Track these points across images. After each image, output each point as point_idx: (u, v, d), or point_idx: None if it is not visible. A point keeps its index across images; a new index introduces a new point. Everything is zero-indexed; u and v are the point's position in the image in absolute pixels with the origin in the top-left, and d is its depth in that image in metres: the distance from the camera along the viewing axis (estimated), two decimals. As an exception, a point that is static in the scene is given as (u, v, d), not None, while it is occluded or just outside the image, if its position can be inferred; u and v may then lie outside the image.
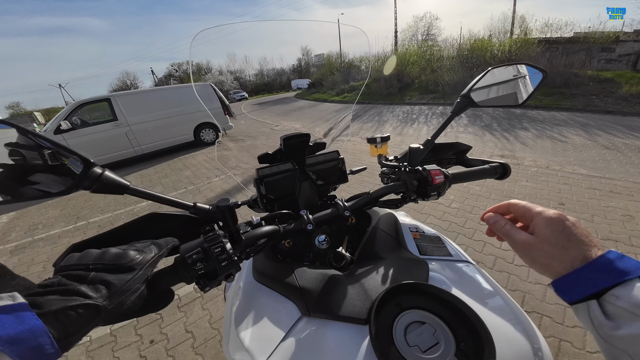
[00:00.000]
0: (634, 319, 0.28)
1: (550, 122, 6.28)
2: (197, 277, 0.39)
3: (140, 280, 0.34)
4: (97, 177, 0.37)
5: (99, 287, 0.30)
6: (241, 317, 0.52)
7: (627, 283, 0.30)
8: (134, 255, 0.36)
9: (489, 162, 0.69)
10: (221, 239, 0.41)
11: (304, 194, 0.74)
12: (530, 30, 14.09)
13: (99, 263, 0.33)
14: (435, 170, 0.58)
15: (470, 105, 0.66)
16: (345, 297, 0.47)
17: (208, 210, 0.45)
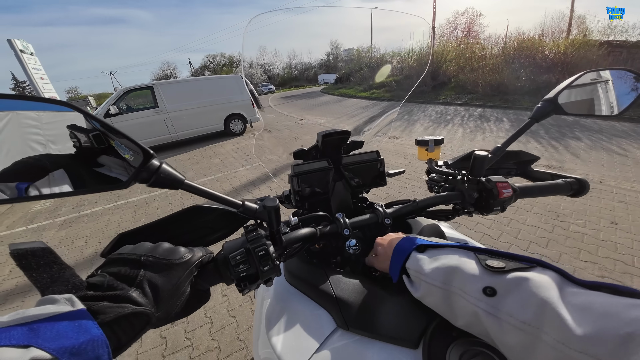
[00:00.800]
0: (418, 281, 0.38)
1: (607, 133, 5.57)
2: (238, 280, 0.38)
3: (186, 282, 0.34)
4: (155, 170, 0.35)
5: (147, 292, 0.30)
6: (273, 321, 0.51)
7: (410, 256, 0.41)
8: (184, 252, 0.35)
9: (561, 176, 0.61)
10: (264, 241, 0.40)
11: (337, 194, 0.71)
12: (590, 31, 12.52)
13: (151, 255, 0.33)
14: (502, 183, 0.52)
15: (554, 112, 0.57)
16: (391, 315, 0.43)
17: (255, 210, 0.43)
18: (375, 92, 15.65)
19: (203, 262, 0.37)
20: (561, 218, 2.55)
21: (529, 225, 2.48)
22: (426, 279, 0.36)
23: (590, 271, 1.89)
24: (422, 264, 0.38)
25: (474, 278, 0.32)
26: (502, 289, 0.29)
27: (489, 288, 0.30)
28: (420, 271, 0.38)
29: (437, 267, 0.36)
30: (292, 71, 62.82)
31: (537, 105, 0.58)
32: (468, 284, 0.32)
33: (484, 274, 0.31)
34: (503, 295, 0.29)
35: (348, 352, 0.41)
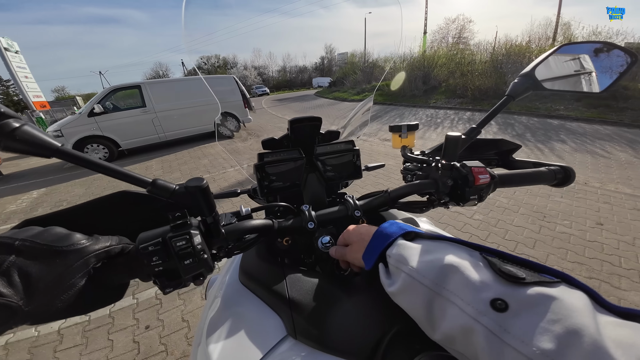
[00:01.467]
0: (398, 273, 0.31)
1: (592, 136, 5.72)
2: (154, 275, 0.32)
3: (77, 274, 0.27)
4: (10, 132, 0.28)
5: (15, 281, 0.24)
6: (215, 325, 0.44)
7: (394, 243, 0.34)
8: (79, 239, 0.29)
9: (545, 164, 0.56)
10: (189, 230, 0.33)
11: (310, 187, 0.65)
12: (575, 37, 12.99)
13: (29, 240, 0.26)
14: (478, 168, 0.46)
15: (533, 88, 0.53)
16: (345, 323, 0.37)
17: (172, 191, 0.36)
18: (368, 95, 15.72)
19: (111, 254, 0.31)
20: (548, 219, 2.56)
21: (516, 225, 2.48)
22: (410, 272, 0.29)
23: (577, 272, 1.88)
24: (409, 253, 0.31)
25: (482, 285, 0.25)
26: (517, 304, 0.22)
27: (499, 300, 0.23)
28: (404, 261, 0.31)
29: (429, 262, 0.29)
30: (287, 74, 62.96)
31: (514, 81, 0.54)
32: (471, 290, 0.25)
33: (495, 282, 0.24)
34: (517, 313, 0.22)
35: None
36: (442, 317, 0.26)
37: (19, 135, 0.29)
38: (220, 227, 0.39)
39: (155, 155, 6.31)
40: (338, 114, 0.97)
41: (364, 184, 3.39)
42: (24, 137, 0.29)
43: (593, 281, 1.78)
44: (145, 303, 1.86)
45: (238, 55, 65.85)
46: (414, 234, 0.35)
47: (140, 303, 1.86)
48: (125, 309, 1.83)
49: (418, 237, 0.34)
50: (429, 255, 0.30)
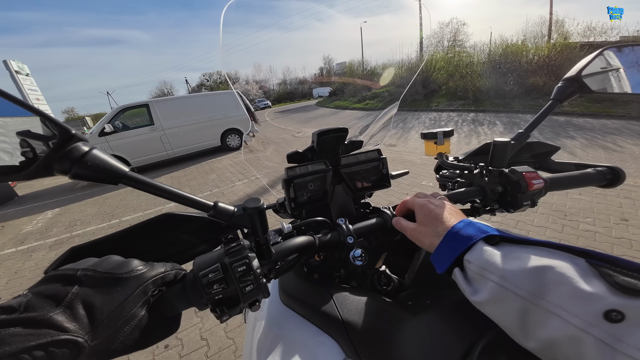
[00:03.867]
0: (483, 281, 0.29)
1: (601, 131, 5.64)
2: (212, 304, 0.30)
3: (137, 303, 0.26)
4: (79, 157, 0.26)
5: (79, 314, 0.22)
6: (267, 350, 0.42)
7: (474, 247, 0.31)
8: (136, 265, 0.28)
9: (590, 165, 0.55)
10: (247, 254, 0.32)
11: (337, 199, 0.64)
12: (570, 34, 13.04)
13: (90, 269, 0.25)
14: (530, 173, 0.46)
15: (579, 91, 0.52)
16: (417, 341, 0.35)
17: (232, 214, 0.35)
18: (369, 103, 15.91)
19: (166, 280, 0.29)
20: (569, 217, 2.49)
21: (537, 226, 2.41)
22: (500, 281, 0.27)
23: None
24: (495, 260, 0.28)
25: (591, 296, 0.23)
26: (636, 316, 0.21)
27: (614, 312, 0.21)
28: (490, 269, 0.28)
29: (522, 270, 0.26)
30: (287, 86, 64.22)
31: (558, 85, 0.53)
32: (579, 301, 0.23)
33: (607, 292, 0.22)
34: (636, 324, 0.21)
35: None
36: (540, 327, 0.24)
37: (90, 160, 0.27)
38: (270, 247, 0.37)
39: (164, 172, 6.40)
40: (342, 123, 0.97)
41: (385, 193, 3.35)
42: (95, 162, 0.27)
43: None
44: None
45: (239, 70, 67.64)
46: (498, 238, 0.31)
47: None
48: None
49: (504, 241, 0.31)
50: (521, 262, 0.27)
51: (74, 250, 0.32)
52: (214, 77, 68.98)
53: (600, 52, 0.52)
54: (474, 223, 0.34)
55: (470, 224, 0.34)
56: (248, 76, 66.49)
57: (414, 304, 0.42)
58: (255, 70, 67.69)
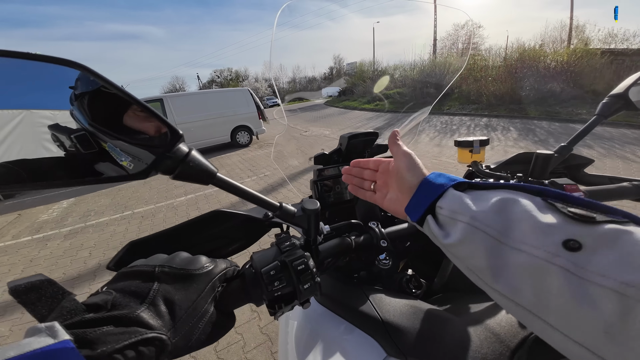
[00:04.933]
0: (454, 223, 0.30)
1: (619, 140, 5.46)
2: (271, 299, 0.31)
3: (208, 298, 0.27)
4: (183, 157, 0.27)
5: (162, 311, 0.23)
6: (306, 349, 0.43)
7: (445, 193, 0.32)
8: (205, 262, 0.29)
9: (624, 179, 0.54)
10: (302, 253, 0.33)
11: (363, 202, 0.65)
12: (590, 40, 12.64)
13: (167, 266, 0.26)
14: (571, 186, 0.46)
15: (625, 108, 0.52)
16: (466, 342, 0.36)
17: (294, 214, 0.36)
18: (379, 104, 15.80)
19: (227, 276, 0.31)
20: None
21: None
22: (470, 221, 0.28)
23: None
24: (464, 202, 0.29)
25: (550, 227, 0.24)
26: (592, 242, 0.22)
27: (572, 241, 0.22)
28: (460, 211, 0.29)
29: (489, 210, 0.28)
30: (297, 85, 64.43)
31: (603, 102, 0.52)
32: (539, 234, 0.24)
33: (564, 223, 0.23)
34: (593, 251, 0.21)
35: None
36: (506, 264, 0.25)
37: (191, 161, 0.28)
38: (318, 247, 0.39)
39: (175, 166, 6.53)
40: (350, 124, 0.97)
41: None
42: (195, 162, 0.28)
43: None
44: None
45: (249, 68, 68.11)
46: (466, 185, 0.32)
47: None
48: None
49: (471, 187, 0.32)
50: (488, 204, 0.28)
51: (132, 244, 0.34)
52: (224, 74, 69.80)
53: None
54: (444, 174, 0.35)
55: (440, 175, 0.35)
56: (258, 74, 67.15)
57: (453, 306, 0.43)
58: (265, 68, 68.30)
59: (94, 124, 0.27)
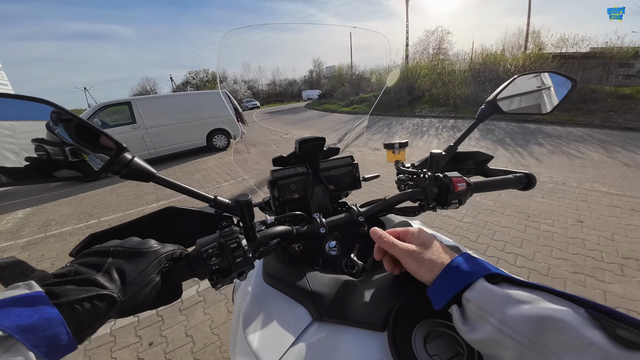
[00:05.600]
0: (482, 322, 0.28)
1: (566, 138, 6.10)
2: (210, 273, 0.39)
3: (154, 270, 0.34)
4: (127, 162, 0.37)
5: (114, 277, 0.30)
6: (249, 320, 0.51)
7: (474, 285, 0.31)
8: (153, 243, 0.36)
9: (512, 172, 0.66)
10: (237, 235, 0.40)
11: (316, 198, 0.73)
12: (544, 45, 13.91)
13: (120, 246, 0.34)
14: (457, 178, 0.56)
15: (495, 112, 0.64)
16: (361, 303, 0.45)
17: (227, 205, 0.44)
18: (357, 107, 16.22)
19: (174, 256, 0.38)
20: (532, 219, 2.71)
21: (502, 226, 2.61)
22: (499, 325, 0.27)
23: (563, 268, 2.00)
24: (496, 301, 0.28)
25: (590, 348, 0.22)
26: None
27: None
28: (490, 311, 0.28)
29: (523, 315, 0.26)
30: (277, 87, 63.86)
31: (481, 107, 0.64)
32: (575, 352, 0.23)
33: (608, 345, 0.22)
34: None
35: (322, 341, 0.42)
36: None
37: (134, 165, 0.38)
38: (256, 232, 0.46)
39: (146, 171, 6.24)
40: (330, 126, 1.08)
41: (359, 192, 3.48)
42: (136, 166, 0.38)
43: (578, 276, 1.90)
44: (146, 320, 1.84)
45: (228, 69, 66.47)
46: (500, 278, 0.31)
47: (141, 320, 1.85)
48: (126, 327, 1.81)
49: (505, 281, 0.31)
50: (521, 307, 0.27)
51: (93, 236, 0.40)
52: (200, 75, 67.47)
53: (513, 79, 0.64)
54: (475, 258, 0.34)
55: (470, 259, 0.34)
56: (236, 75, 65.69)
57: (365, 278, 0.52)
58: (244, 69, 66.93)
59: (75, 141, 0.37)
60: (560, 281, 1.87)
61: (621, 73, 12.41)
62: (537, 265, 2.03)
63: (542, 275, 1.94)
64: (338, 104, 19.18)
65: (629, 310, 1.60)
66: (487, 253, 2.23)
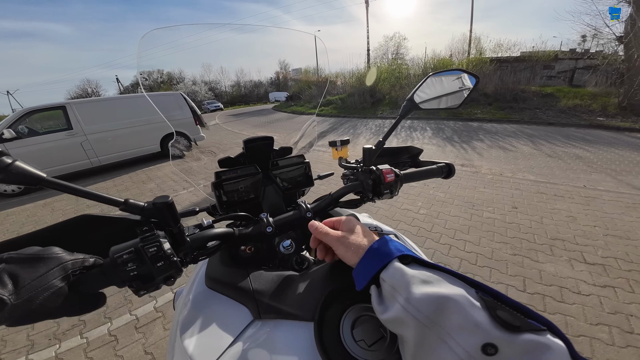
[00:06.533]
0: (392, 301, 0.30)
1: (502, 134, 6.94)
2: (128, 280, 0.36)
3: (55, 276, 0.31)
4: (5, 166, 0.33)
5: (5, 281, 0.28)
6: (187, 325, 0.48)
7: (389, 265, 0.33)
8: (56, 250, 0.33)
9: (437, 162, 0.73)
10: (158, 238, 0.38)
11: (268, 198, 0.72)
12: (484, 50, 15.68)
13: (14, 254, 0.31)
14: (386, 170, 0.60)
15: (414, 108, 0.69)
16: (295, 296, 0.45)
17: (142, 208, 0.40)
18: (324, 109, 16.50)
19: (86, 265, 0.34)
20: (476, 207, 3.02)
21: (452, 215, 2.86)
22: (405, 304, 0.29)
23: (504, 251, 2.24)
24: (405, 281, 0.30)
25: (476, 328, 0.25)
26: (508, 350, 0.23)
27: (490, 346, 0.23)
28: (399, 290, 0.30)
29: (426, 294, 0.28)
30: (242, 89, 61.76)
31: (403, 104, 0.70)
32: (465, 332, 0.25)
33: (490, 326, 0.24)
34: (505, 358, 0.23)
35: (259, 339, 0.42)
36: (430, 352, 0.26)
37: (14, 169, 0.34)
38: (185, 236, 0.44)
39: (88, 182, 5.52)
40: (298, 128, 1.08)
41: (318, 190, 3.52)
42: (18, 170, 0.34)
43: (517, 257, 2.15)
44: (97, 341, 1.66)
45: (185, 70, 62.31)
46: (410, 259, 0.34)
47: (91, 342, 1.66)
48: (74, 349, 1.61)
49: (414, 262, 0.33)
50: (426, 287, 0.29)
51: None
52: (154, 76, 62.25)
53: (426, 78, 0.71)
54: (392, 241, 0.36)
55: (389, 241, 0.36)
56: (196, 76, 62.00)
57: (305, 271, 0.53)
58: (204, 70, 63.50)
59: None
60: (502, 263, 2.09)
61: (545, 74, 14.56)
62: (482, 250, 2.27)
63: (487, 258, 2.16)
64: (305, 105, 19.28)
65: (562, 288, 1.81)
66: (440, 241, 2.42)
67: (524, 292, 1.81)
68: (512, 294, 1.78)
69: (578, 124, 7.64)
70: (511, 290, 1.82)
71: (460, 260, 2.16)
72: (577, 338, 1.47)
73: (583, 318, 1.58)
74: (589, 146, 5.45)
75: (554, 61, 14.87)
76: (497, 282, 1.91)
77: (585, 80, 12.05)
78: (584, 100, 9.30)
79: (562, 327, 1.53)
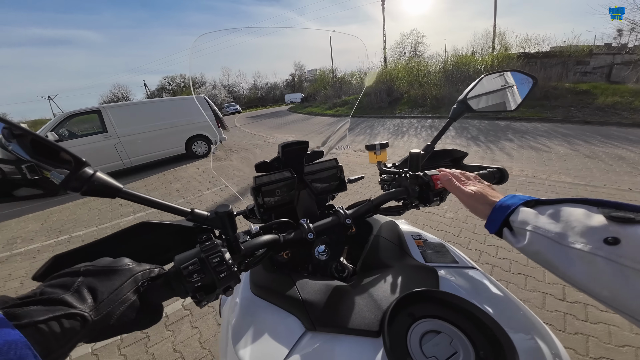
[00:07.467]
0: (523, 232, 0.38)
1: (533, 133, 6.53)
2: (193, 291, 0.36)
3: (129, 289, 0.32)
4: (88, 178, 0.34)
5: (85, 296, 0.28)
6: (239, 334, 0.48)
7: (516, 210, 0.41)
8: (127, 261, 0.34)
9: (487, 167, 0.69)
10: (219, 248, 0.38)
11: (302, 202, 0.72)
12: (510, 45, 14.85)
13: (90, 265, 0.31)
14: (436, 175, 0.58)
15: (467, 111, 0.66)
16: (354, 309, 0.44)
17: (206, 217, 0.42)
18: (340, 110, 16.40)
19: (152, 276, 0.35)
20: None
21: (482, 220, 2.73)
22: (535, 229, 0.36)
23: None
24: (531, 216, 0.38)
25: (594, 229, 0.31)
26: (627, 238, 0.28)
27: (611, 238, 0.29)
28: (527, 223, 0.37)
29: (550, 218, 0.36)
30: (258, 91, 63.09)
31: (453, 107, 0.67)
32: (586, 234, 0.31)
33: (607, 225, 0.30)
34: (627, 244, 0.28)
35: (317, 352, 0.41)
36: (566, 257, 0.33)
37: (96, 180, 0.34)
38: (240, 244, 0.44)
39: (121, 182, 5.86)
40: (314, 129, 1.08)
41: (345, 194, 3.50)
42: (100, 181, 0.35)
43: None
44: (129, 338, 1.73)
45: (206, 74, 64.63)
46: (533, 202, 0.41)
47: (124, 339, 1.74)
48: (108, 346, 1.70)
49: (538, 204, 0.40)
50: (549, 215, 0.36)
51: (57, 257, 0.36)
52: (176, 80, 65.16)
53: (481, 78, 0.67)
54: (516, 195, 0.44)
55: (513, 196, 0.44)
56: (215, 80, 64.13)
57: (355, 282, 0.52)
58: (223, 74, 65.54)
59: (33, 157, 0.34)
60: (539, 271, 1.96)
61: (578, 70, 13.54)
62: (516, 256, 2.14)
63: (522, 265, 2.03)
64: (321, 107, 19.30)
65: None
66: (469, 247, 2.32)
67: (564, 300, 1.69)
68: (551, 303, 1.68)
69: (619, 122, 7.03)
70: (549, 299, 1.71)
71: (492, 267, 2.05)
72: (622, 348, 1.37)
73: (628, 327, 1.47)
74: (633, 146, 4.98)
75: (589, 56, 13.78)
76: (534, 289, 1.80)
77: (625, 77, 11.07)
78: (625, 97, 8.52)
79: (606, 337, 1.44)
